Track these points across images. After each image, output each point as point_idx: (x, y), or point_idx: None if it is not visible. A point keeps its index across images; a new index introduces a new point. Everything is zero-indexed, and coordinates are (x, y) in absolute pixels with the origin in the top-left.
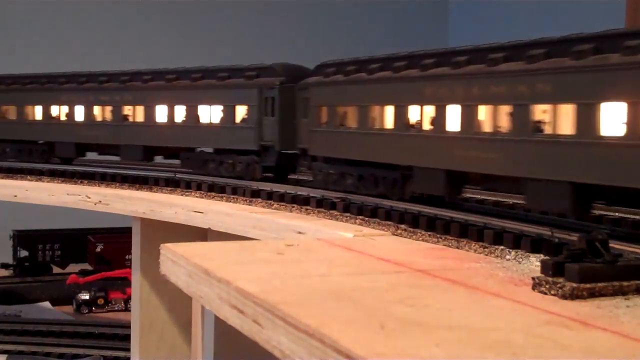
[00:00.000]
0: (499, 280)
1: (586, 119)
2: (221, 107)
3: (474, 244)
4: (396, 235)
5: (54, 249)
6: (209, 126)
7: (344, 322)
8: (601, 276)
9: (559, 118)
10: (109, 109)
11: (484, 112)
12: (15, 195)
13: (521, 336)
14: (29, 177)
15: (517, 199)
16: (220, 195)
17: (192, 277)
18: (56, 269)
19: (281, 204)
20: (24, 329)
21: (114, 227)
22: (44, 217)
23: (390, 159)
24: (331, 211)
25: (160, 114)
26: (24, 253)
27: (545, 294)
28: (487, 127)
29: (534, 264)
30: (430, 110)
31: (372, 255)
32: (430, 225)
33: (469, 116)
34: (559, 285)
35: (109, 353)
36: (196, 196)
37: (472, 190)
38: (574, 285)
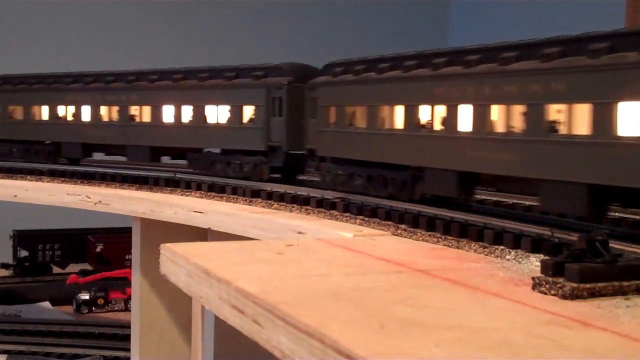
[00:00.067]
0: (499, 280)
1: (602, 119)
2: (228, 107)
3: (474, 244)
4: (396, 235)
5: (54, 249)
6: (216, 126)
7: (344, 322)
8: (601, 276)
9: (574, 118)
10: (115, 109)
11: (496, 112)
12: (15, 195)
13: (521, 336)
14: (29, 177)
15: (517, 199)
16: (220, 195)
17: (192, 277)
18: (56, 269)
19: (281, 204)
20: (24, 329)
21: (114, 227)
22: (44, 217)
23: (400, 160)
24: (331, 211)
25: (167, 114)
26: (24, 253)
27: (545, 294)
28: (500, 127)
29: (534, 264)
30: (441, 110)
31: (372, 255)
32: (430, 225)
33: (481, 116)
34: (559, 285)
35: (109, 353)
36: (196, 196)
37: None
38: (574, 285)
